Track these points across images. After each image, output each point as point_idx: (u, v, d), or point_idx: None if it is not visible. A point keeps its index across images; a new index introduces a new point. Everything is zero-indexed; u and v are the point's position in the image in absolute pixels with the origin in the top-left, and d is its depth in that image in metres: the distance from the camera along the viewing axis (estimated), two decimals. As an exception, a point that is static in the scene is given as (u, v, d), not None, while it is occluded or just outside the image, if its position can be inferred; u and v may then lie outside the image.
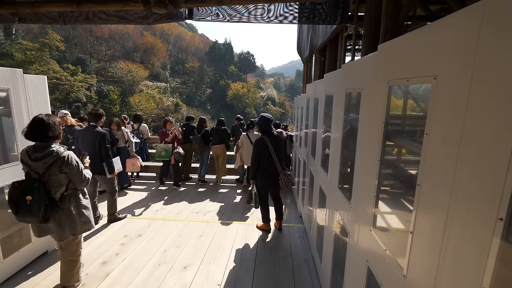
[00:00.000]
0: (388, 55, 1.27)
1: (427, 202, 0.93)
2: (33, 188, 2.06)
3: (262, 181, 3.63)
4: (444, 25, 0.87)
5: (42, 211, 2.09)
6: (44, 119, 2.15)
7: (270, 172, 3.57)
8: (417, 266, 0.97)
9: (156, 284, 2.68)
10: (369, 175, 1.40)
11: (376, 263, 1.33)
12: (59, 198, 2.23)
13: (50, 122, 2.18)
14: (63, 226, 2.27)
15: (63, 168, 2.17)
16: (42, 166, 2.12)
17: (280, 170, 3.56)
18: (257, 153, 3.56)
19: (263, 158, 3.55)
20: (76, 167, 2.25)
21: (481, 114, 0.70)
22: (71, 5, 3.09)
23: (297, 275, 2.89)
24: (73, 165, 2.22)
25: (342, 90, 1.99)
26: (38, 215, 2.08)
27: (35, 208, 2.06)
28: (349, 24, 3.85)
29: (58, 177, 2.19)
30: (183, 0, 2.92)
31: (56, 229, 2.27)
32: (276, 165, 3.55)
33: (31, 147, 2.15)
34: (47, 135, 2.15)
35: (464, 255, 0.75)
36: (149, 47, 49.64)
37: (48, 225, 2.26)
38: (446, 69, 0.85)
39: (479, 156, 0.71)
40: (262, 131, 3.64)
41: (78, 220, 2.34)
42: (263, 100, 58.67)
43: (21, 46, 30.79)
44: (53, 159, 2.13)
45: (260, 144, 3.55)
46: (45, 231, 2.33)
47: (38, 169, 2.13)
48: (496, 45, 0.66)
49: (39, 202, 2.07)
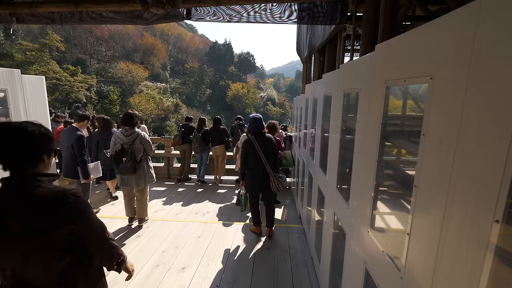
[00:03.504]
0: (385, 55, 1.26)
1: (424, 203, 0.93)
2: (127, 153, 3.43)
3: (250, 182, 3.55)
4: (440, 24, 0.87)
5: (133, 166, 3.44)
6: (132, 113, 3.56)
7: (259, 173, 3.45)
8: (414, 268, 0.97)
9: (155, 285, 2.67)
10: (367, 175, 1.39)
11: (374, 264, 1.32)
12: (139, 160, 3.51)
13: (135, 115, 3.58)
14: (141, 177, 3.58)
15: (142, 142, 3.51)
16: (130, 140, 3.45)
17: (270, 172, 3.42)
18: (244, 154, 3.49)
19: (250, 159, 3.46)
20: (148, 141, 3.56)
21: (478, 115, 0.69)
22: (69, 5, 3.08)
23: (295, 275, 2.88)
24: (146, 139, 3.54)
25: (340, 91, 1.99)
26: (131, 168, 3.44)
27: (128, 164, 3.42)
28: (348, 24, 3.84)
29: (139, 146, 3.51)
30: (181, 1, 2.91)
31: (136, 180, 3.57)
32: (265, 166, 3.41)
33: (123, 129, 3.49)
34: (132, 122, 3.53)
35: (460, 256, 0.74)
36: (149, 47, 49.65)
37: (128, 178, 3.55)
38: (443, 69, 0.84)
39: (476, 157, 0.70)
40: (249, 131, 3.58)
41: (148, 175, 3.66)
42: (263, 100, 58.67)
43: (21, 46, 30.78)
44: (136, 136, 3.48)
45: (247, 145, 3.47)
46: (126, 183, 3.59)
47: (128, 142, 3.45)
48: (492, 44, 0.66)
49: (131, 161, 3.43)
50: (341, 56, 4.45)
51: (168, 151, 6.64)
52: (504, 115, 0.61)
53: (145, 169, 3.64)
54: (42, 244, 1.03)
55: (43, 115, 3.08)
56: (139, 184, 3.62)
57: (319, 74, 6.15)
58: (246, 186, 3.63)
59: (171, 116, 40.82)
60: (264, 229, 3.76)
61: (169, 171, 6.56)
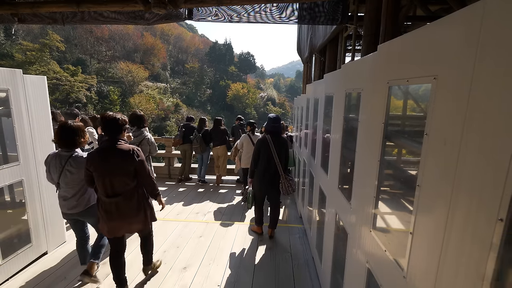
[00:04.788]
0: (388, 55, 1.27)
1: (427, 203, 0.93)
2: None
3: (259, 182, 3.49)
4: (444, 24, 0.87)
5: None
6: (140, 114, 3.58)
7: (270, 173, 3.41)
8: (417, 267, 0.97)
9: (156, 285, 2.68)
10: (369, 175, 1.40)
11: (376, 264, 1.32)
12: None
13: (142, 115, 3.59)
14: None
15: (148, 144, 3.52)
16: (137, 141, 3.46)
17: (282, 173, 3.40)
18: (257, 152, 3.44)
19: (263, 157, 3.41)
20: (153, 142, 3.60)
21: (482, 114, 0.70)
22: (71, 5, 3.08)
23: (297, 275, 2.88)
24: (152, 141, 3.60)
25: (342, 91, 1.99)
26: None
27: None
28: (349, 24, 3.85)
29: (146, 148, 3.52)
30: (183, 1, 2.91)
31: None
32: (278, 167, 3.38)
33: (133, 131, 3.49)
34: (140, 123, 3.53)
35: (464, 255, 0.74)
36: (149, 47, 49.66)
37: None
38: (447, 69, 0.84)
39: (479, 157, 0.70)
40: (266, 131, 3.52)
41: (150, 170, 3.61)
42: (263, 100, 58.68)
43: (22, 46, 30.80)
44: (143, 138, 3.50)
45: (261, 143, 3.42)
46: None
47: (135, 143, 3.40)
48: (496, 45, 0.66)
49: None
50: (342, 56, 4.46)
51: (169, 151, 6.64)
52: (508, 115, 0.62)
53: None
54: (123, 172, 2.22)
55: (45, 115, 3.08)
56: None
57: (320, 74, 6.16)
58: (254, 184, 3.56)
59: (171, 116, 40.84)
60: (265, 229, 3.76)
61: (170, 171, 6.56)
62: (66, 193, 2.48)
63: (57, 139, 2.44)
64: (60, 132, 2.40)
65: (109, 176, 2.18)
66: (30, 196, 2.89)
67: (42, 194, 3.03)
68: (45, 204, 3.08)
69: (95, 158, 2.17)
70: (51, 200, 3.14)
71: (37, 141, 2.96)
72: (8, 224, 2.79)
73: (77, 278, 2.64)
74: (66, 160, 2.42)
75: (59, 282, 2.69)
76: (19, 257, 2.80)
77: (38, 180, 2.98)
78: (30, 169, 2.88)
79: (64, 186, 2.47)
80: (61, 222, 3.35)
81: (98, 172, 2.18)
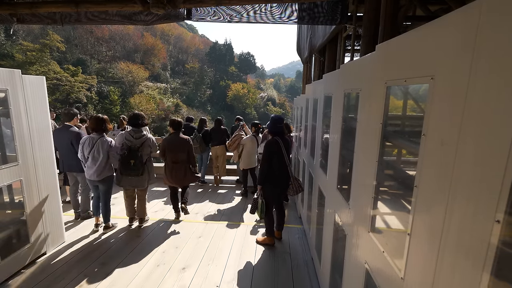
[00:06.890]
0: (386, 55, 1.26)
1: (425, 204, 0.92)
2: (136, 156, 3.52)
3: (272, 188, 3.27)
4: (441, 24, 0.87)
5: (140, 169, 3.55)
6: (141, 114, 3.71)
7: (283, 178, 3.23)
8: (415, 268, 0.96)
9: (155, 285, 2.67)
10: (367, 176, 1.39)
11: (374, 264, 1.31)
12: (145, 161, 3.62)
13: (143, 116, 3.71)
14: (145, 178, 3.69)
15: (150, 145, 3.64)
16: (139, 143, 3.56)
17: (292, 175, 3.26)
18: (269, 156, 3.17)
19: (276, 162, 3.17)
20: (155, 143, 3.73)
21: (479, 115, 0.69)
22: (69, 5, 3.08)
23: (296, 276, 2.87)
24: (154, 142, 3.71)
25: (340, 91, 1.99)
26: (139, 171, 3.55)
27: (137, 167, 3.53)
28: (348, 24, 3.85)
29: (147, 149, 3.63)
30: (182, 1, 2.91)
31: (141, 182, 3.66)
32: (289, 169, 3.22)
33: (131, 131, 3.59)
34: (141, 124, 3.66)
35: (461, 256, 0.74)
36: (149, 48, 49.64)
37: (133, 179, 3.62)
38: (444, 69, 0.84)
39: (477, 157, 0.70)
40: (272, 133, 3.32)
41: (151, 175, 3.79)
42: (263, 100, 58.65)
43: (22, 47, 30.78)
44: (145, 139, 3.59)
45: (272, 147, 3.18)
46: (131, 184, 3.67)
47: (137, 144, 3.54)
48: (493, 44, 0.66)
49: (139, 164, 3.54)
50: (341, 56, 4.45)
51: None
52: (505, 115, 0.61)
53: (149, 170, 3.74)
54: (183, 150, 3.80)
55: (44, 115, 3.07)
56: (143, 185, 3.71)
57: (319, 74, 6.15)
58: (267, 190, 3.30)
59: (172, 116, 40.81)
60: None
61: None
62: (92, 164, 3.40)
63: (91, 126, 3.47)
64: (93, 122, 3.45)
65: (174, 152, 3.74)
66: (29, 196, 2.89)
67: (40, 194, 3.02)
68: (44, 205, 3.07)
69: (168, 141, 3.79)
70: (50, 200, 3.14)
71: (36, 141, 2.96)
72: (6, 224, 2.78)
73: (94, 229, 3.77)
74: (96, 141, 3.40)
75: (58, 283, 2.68)
76: (18, 257, 2.80)
77: (37, 180, 2.98)
78: (28, 169, 2.87)
79: (91, 160, 3.39)
80: (60, 223, 3.35)
81: (169, 149, 3.75)
